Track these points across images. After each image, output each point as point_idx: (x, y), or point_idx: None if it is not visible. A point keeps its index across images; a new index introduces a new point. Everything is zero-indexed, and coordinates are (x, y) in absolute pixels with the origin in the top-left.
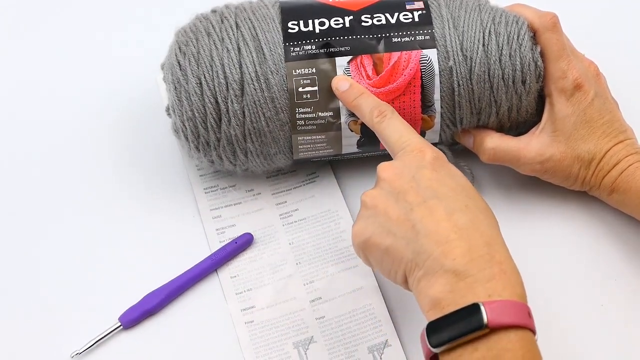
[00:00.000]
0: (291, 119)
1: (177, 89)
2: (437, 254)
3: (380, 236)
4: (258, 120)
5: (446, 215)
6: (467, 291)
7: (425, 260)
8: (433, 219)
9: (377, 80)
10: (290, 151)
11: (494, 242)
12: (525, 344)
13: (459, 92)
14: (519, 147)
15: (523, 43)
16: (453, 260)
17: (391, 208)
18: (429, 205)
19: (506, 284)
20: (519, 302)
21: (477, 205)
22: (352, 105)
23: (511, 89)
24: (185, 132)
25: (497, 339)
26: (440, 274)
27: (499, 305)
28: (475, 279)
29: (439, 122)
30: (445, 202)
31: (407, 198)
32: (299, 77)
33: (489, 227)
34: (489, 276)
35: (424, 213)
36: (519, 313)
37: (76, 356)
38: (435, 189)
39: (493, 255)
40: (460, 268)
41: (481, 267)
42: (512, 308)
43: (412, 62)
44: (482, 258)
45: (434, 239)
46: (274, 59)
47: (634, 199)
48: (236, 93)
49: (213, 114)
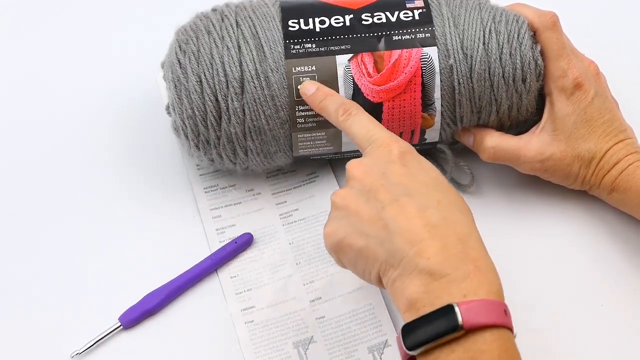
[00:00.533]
0: (291, 117)
1: (177, 87)
2: (412, 254)
3: (352, 237)
4: (258, 119)
5: (418, 213)
6: (442, 291)
7: (400, 260)
8: (405, 217)
9: (377, 78)
10: (290, 149)
11: (469, 238)
12: (502, 344)
13: (459, 90)
14: (519, 145)
15: (523, 42)
16: (427, 260)
17: (362, 208)
18: (400, 203)
19: (482, 282)
20: (495, 300)
21: (450, 199)
22: (319, 107)
23: (511, 88)
24: (185, 131)
25: (474, 339)
26: (414, 274)
27: (474, 305)
28: (450, 279)
29: (439, 121)
30: (416, 198)
31: (378, 196)
32: (299, 75)
33: (463, 222)
34: (464, 275)
35: (395, 211)
36: (495, 312)
37: (76, 356)
38: (406, 185)
39: (468, 253)
40: (434, 267)
41: (456, 265)
42: (488, 307)
43: (413, 60)
44: (456, 256)
45: (407, 238)
46: (274, 57)
47: (634, 198)
48: (236, 91)
49: (213, 112)
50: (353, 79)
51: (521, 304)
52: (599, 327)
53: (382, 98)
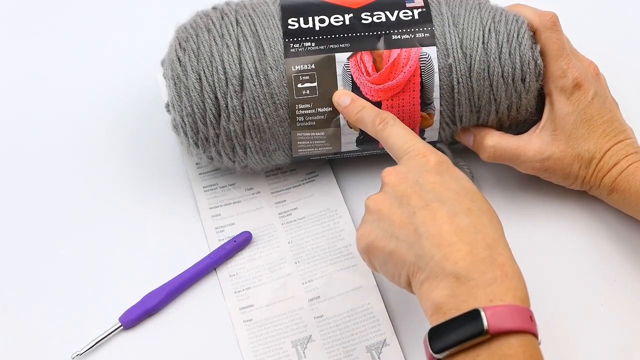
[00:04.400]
0: (290, 115)
1: (177, 84)
2: (439, 257)
3: (383, 240)
4: (257, 116)
5: (448, 218)
6: (469, 296)
7: (427, 263)
8: (435, 222)
9: (376, 77)
10: (290, 148)
11: (497, 244)
12: (527, 349)
13: (458, 89)
14: (519, 145)
15: (523, 41)
16: (454, 264)
17: (394, 212)
18: (431, 208)
19: (508, 287)
20: (521, 306)
21: (481, 207)
22: (354, 119)
23: (511, 87)
24: (185, 128)
25: (499, 344)
26: (441, 278)
27: (500, 310)
28: (477, 283)
29: (438, 120)
30: (447, 205)
31: (410, 202)
32: (299, 73)
33: (491, 229)
34: (491, 280)
35: (426, 216)
36: (521, 318)
37: (77, 357)
38: (438, 192)
39: (495, 258)
40: (461, 272)
41: (483, 270)
42: (514, 313)
43: (412, 60)
44: (483, 261)
45: (435, 242)
46: (274, 55)
47: (634, 198)
48: (235, 89)
49: (212, 110)
50: (352, 77)
51: None
52: (599, 327)
53: (380, 97)
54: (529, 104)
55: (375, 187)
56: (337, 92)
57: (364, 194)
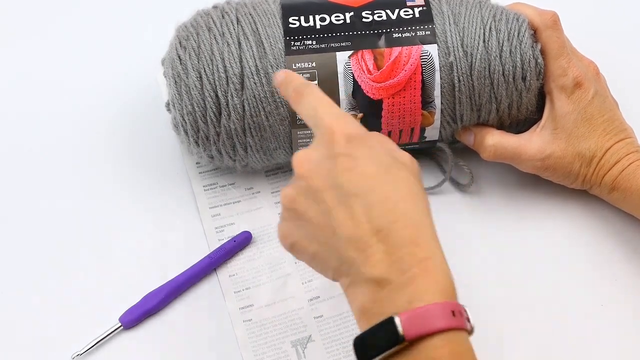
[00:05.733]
0: (291, 113)
1: (177, 83)
2: (359, 262)
3: (305, 241)
4: (258, 115)
5: (365, 215)
6: (388, 301)
7: (349, 269)
8: (352, 222)
9: (377, 75)
10: (290, 146)
11: (418, 233)
12: (452, 348)
13: (459, 87)
14: (520, 144)
15: (524, 40)
16: (373, 268)
17: (310, 210)
18: (347, 205)
19: (428, 284)
20: (440, 303)
21: (401, 187)
22: (283, 94)
23: (511, 86)
24: (185, 127)
25: (422, 348)
26: (362, 283)
27: (417, 313)
28: (395, 286)
29: (439, 119)
30: (362, 197)
31: (325, 198)
32: (299, 71)
33: (415, 213)
34: (409, 279)
35: (343, 216)
36: (440, 316)
37: (77, 357)
38: (353, 183)
39: (415, 253)
40: (380, 275)
41: (402, 269)
42: (433, 312)
43: (413, 58)
44: (402, 260)
45: (354, 246)
46: (274, 53)
47: (635, 197)
48: (236, 87)
49: (213, 108)
50: (353, 75)
51: (520, 304)
52: (599, 327)
53: (382, 95)
54: (529, 103)
55: None
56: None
57: None
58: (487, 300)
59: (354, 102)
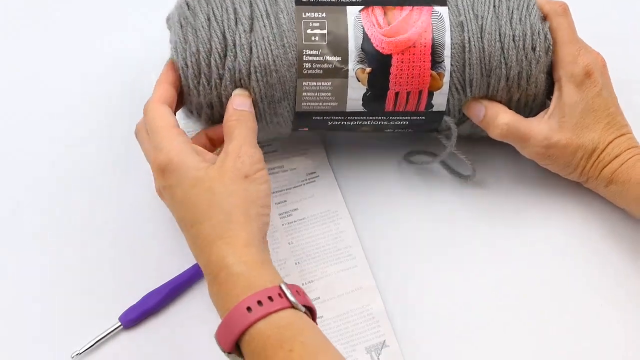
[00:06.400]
0: (298, 60)
1: (184, 26)
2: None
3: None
4: (265, 57)
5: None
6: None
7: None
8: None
9: (388, 30)
10: (294, 99)
11: (203, 250)
12: (259, 340)
13: (469, 49)
14: (531, 127)
15: (533, 12)
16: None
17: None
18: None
19: (223, 299)
20: (233, 307)
21: (201, 205)
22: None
23: (521, 53)
24: (186, 72)
25: (244, 348)
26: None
27: (220, 329)
28: (217, 308)
29: (447, 82)
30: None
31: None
32: (309, 20)
33: (202, 231)
34: (218, 295)
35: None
36: (237, 319)
37: (76, 356)
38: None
39: (211, 269)
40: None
41: (216, 291)
42: (230, 320)
43: (424, 16)
44: (213, 277)
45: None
46: (285, 1)
47: (632, 190)
48: (245, 28)
49: (218, 48)
50: (363, 28)
51: (519, 303)
52: (599, 327)
53: (391, 50)
54: (538, 78)
55: (375, 187)
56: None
57: (364, 195)
58: (486, 300)
59: (362, 55)
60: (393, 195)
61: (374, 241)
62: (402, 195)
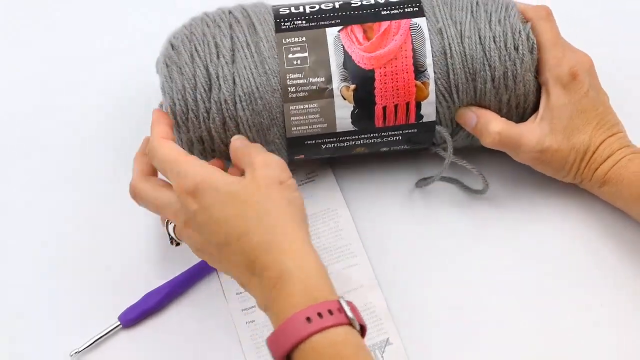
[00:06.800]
0: (282, 85)
1: (169, 66)
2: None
3: None
4: (249, 86)
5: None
6: (273, 323)
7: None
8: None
9: (368, 46)
10: (284, 126)
11: (266, 254)
12: (317, 353)
13: (451, 54)
14: (522, 133)
15: (512, 14)
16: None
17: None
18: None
19: (280, 304)
20: (290, 317)
21: (227, 233)
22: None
23: (504, 53)
24: (174, 109)
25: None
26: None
27: (275, 337)
28: (268, 311)
29: (434, 91)
30: (207, 256)
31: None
32: (289, 45)
33: (257, 238)
34: (272, 303)
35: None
36: (295, 329)
37: (75, 355)
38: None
39: (270, 276)
40: (261, 305)
41: (266, 295)
42: (286, 330)
43: (402, 29)
44: (265, 286)
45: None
46: (265, 31)
47: (625, 190)
48: (227, 60)
49: (203, 82)
50: (343, 47)
51: (519, 303)
52: (599, 327)
53: (373, 65)
54: (525, 77)
55: (374, 186)
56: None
57: (364, 194)
58: (485, 300)
59: (345, 73)
60: (393, 195)
61: (375, 239)
62: (403, 193)
